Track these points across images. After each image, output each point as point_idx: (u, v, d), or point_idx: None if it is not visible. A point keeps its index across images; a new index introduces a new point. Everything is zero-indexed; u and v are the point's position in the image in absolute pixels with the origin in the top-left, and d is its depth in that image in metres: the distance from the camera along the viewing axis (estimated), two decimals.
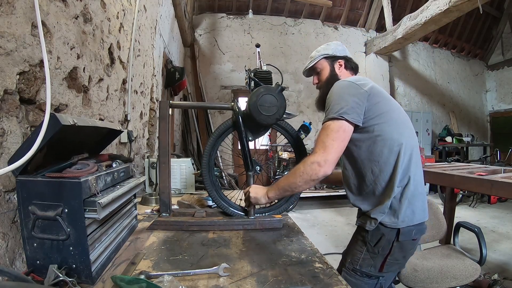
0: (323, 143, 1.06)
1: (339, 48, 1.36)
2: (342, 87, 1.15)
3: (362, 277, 1.16)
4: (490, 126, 7.72)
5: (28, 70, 0.95)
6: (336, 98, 1.11)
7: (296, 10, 6.46)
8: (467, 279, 1.64)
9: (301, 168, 1.09)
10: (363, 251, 1.15)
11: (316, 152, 1.06)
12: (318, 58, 1.35)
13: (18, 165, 0.69)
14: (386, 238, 1.11)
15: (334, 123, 1.07)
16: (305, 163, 1.09)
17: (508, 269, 2.70)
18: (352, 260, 1.17)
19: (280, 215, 1.40)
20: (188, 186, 2.05)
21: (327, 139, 1.06)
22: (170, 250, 1.04)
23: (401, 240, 1.10)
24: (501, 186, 1.73)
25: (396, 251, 1.12)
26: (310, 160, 1.07)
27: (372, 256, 1.14)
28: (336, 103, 1.09)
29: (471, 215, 4.57)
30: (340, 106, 1.07)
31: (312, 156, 1.07)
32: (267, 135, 1.53)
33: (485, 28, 7.25)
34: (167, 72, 4.03)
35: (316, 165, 1.05)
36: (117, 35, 1.84)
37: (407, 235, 1.10)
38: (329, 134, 1.06)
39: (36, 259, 0.77)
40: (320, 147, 1.06)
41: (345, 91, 1.13)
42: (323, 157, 1.04)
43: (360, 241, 1.17)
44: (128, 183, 1.03)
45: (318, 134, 1.10)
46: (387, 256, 1.12)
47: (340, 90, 1.14)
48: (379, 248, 1.12)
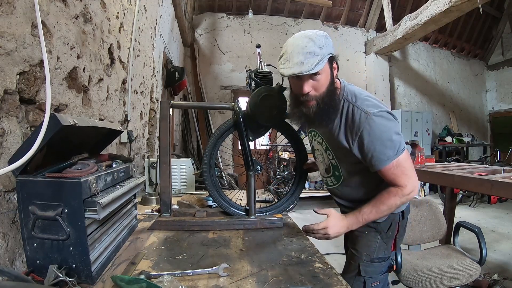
0: (405, 175, 1.06)
1: (331, 43, 1.03)
2: (387, 121, 1.04)
3: (380, 263, 1.24)
4: (490, 126, 7.72)
5: (28, 70, 0.95)
6: (389, 136, 1.04)
7: (296, 10, 6.46)
8: (467, 279, 1.64)
9: (397, 202, 1.07)
10: (378, 241, 1.22)
11: (406, 185, 1.06)
12: (325, 58, 0.99)
13: (18, 165, 0.69)
14: (395, 221, 1.22)
15: (402, 157, 1.06)
16: (402, 195, 1.06)
17: (508, 269, 2.70)
18: (369, 252, 1.22)
19: (280, 214, 1.40)
20: (188, 186, 2.05)
21: (407, 171, 1.06)
22: (170, 250, 1.04)
23: (404, 218, 1.26)
24: (501, 186, 1.73)
25: (401, 229, 1.27)
26: (406, 192, 1.06)
27: (386, 241, 1.23)
28: (391, 140, 1.04)
29: (471, 215, 4.57)
30: (398, 141, 1.05)
31: (405, 189, 1.06)
32: (267, 135, 1.51)
33: (485, 28, 7.25)
34: (167, 72, 4.03)
35: (413, 193, 1.08)
36: (117, 35, 1.84)
37: (407, 213, 1.27)
38: (405, 167, 1.06)
39: (36, 259, 0.77)
40: (406, 179, 1.06)
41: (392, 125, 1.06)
42: (414, 185, 1.08)
43: (372, 233, 1.22)
44: (128, 183, 1.03)
45: (389, 173, 1.06)
46: (396, 235, 1.26)
47: (387, 125, 1.04)
48: (390, 231, 1.23)
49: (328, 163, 1.26)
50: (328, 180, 1.30)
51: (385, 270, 1.27)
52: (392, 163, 1.05)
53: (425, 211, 1.98)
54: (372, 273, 1.22)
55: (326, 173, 1.29)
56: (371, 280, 1.22)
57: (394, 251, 1.31)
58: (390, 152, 1.04)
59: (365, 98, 1.09)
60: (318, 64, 0.97)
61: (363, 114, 1.04)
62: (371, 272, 1.22)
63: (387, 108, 1.10)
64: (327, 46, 1.00)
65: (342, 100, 1.10)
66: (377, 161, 1.05)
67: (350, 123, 1.07)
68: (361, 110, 1.05)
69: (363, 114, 1.03)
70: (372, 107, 1.05)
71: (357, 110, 1.05)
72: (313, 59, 0.97)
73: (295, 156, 1.45)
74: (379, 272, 1.24)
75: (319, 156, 1.30)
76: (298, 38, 1.01)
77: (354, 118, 1.05)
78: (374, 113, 1.03)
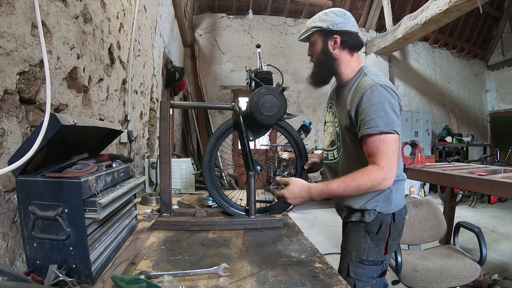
0: (386, 155, 1.02)
1: (338, 20, 1.16)
2: (390, 96, 1.07)
3: (370, 266, 1.21)
4: (490, 126, 7.71)
5: (28, 70, 0.95)
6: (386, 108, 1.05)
7: (296, 10, 6.46)
8: (467, 279, 1.64)
9: (369, 184, 1.02)
10: (367, 241, 1.20)
11: (383, 166, 1.02)
12: (310, 31, 1.20)
13: (18, 165, 0.69)
14: (385, 223, 1.20)
15: (391, 136, 1.04)
16: (374, 178, 1.02)
17: (508, 269, 2.70)
18: (358, 253, 1.21)
19: (280, 214, 1.40)
20: (188, 186, 2.05)
21: (390, 152, 1.03)
22: (170, 250, 1.04)
23: (396, 221, 1.22)
24: (501, 186, 1.73)
25: (393, 232, 1.23)
26: (380, 176, 1.02)
27: (376, 243, 1.20)
28: (387, 114, 1.04)
29: (471, 215, 4.57)
30: (392, 118, 1.04)
31: (381, 171, 1.01)
32: (267, 135, 1.51)
33: (485, 28, 7.25)
34: (167, 72, 4.03)
35: (385, 181, 1.02)
36: (117, 35, 1.84)
37: (399, 216, 1.23)
38: (390, 146, 1.03)
39: (36, 259, 0.77)
40: (385, 160, 1.02)
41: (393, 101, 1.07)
42: (391, 172, 1.03)
43: (362, 233, 1.21)
44: (128, 183, 1.03)
45: (371, 144, 1.04)
46: (388, 238, 1.22)
47: (388, 98, 1.06)
48: (381, 234, 1.20)
49: (334, 133, 1.29)
50: (329, 154, 1.32)
51: (378, 275, 1.23)
52: (380, 136, 1.04)
53: (425, 211, 1.98)
54: (362, 276, 1.20)
55: (331, 146, 1.31)
56: (362, 284, 1.19)
57: (387, 255, 1.25)
58: (381, 123, 1.04)
59: (380, 75, 1.15)
60: (304, 34, 1.23)
61: (370, 81, 1.10)
62: (361, 274, 1.20)
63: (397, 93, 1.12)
64: (319, 20, 1.18)
65: (359, 73, 1.20)
66: (366, 125, 1.05)
67: (358, 87, 1.14)
68: (370, 78, 1.12)
69: (371, 82, 1.10)
70: (384, 81, 1.10)
71: (367, 78, 1.13)
72: (303, 30, 1.24)
73: (295, 156, 1.45)
74: (371, 276, 1.21)
75: (329, 128, 1.34)
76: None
77: (362, 84, 1.12)
78: (380, 84, 1.08)
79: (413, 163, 2.52)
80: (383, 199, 1.18)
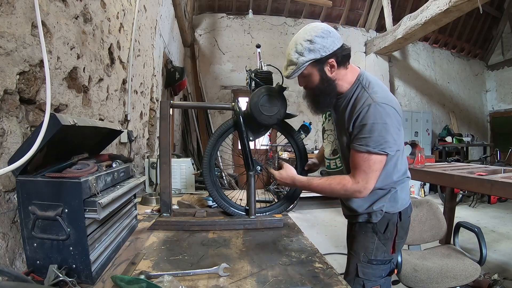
0: (365, 173, 1.07)
1: (327, 43, 1.07)
2: (386, 115, 1.06)
3: (378, 265, 1.23)
4: (490, 126, 7.71)
5: (28, 70, 0.95)
6: (379, 129, 1.05)
7: (296, 10, 6.46)
8: (467, 279, 1.64)
9: (341, 192, 1.12)
10: (375, 241, 1.22)
11: (358, 181, 1.08)
12: (302, 67, 1.10)
13: (18, 165, 0.69)
14: (392, 222, 1.22)
15: (377, 157, 1.06)
16: (347, 189, 1.10)
17: (508, 269, 2.70)
18: (366, 253, 1.22)
19: (280, 214, 1.40)
20: (188, 186, 2.05)
21: (369, 171, 1.07)
22: (170, 250, 1.04)
23: (402, 219, 1.24)
24: (501, 186, 1.73)
25: (400, 230, 1.25)
26: (353, 188, 1.09)
27: (384, 243, 1.22)
28: (379, 135, 1.05)
29: (471, 215, 4.57)
30: (385, 139, 1.05)
31: (355, 185, 1.09)
32: (267, 135, 1.52)
33: (485, 28, 7.25)
34: (167, 72, 4.02)
35: (358, 193, 1.10)
36: (117, 35, 1.84)
37: (405, 214, 1.25)
38: (371, 166, 1.07)
39: (36, 259, 0.77)
40: (362, 177, 1.08)
41: (388, 121, 1.06)
42: (365, 187, 1.09)
43: (369, 233, 1.23)
44: (128, 183, 1.03)
45: (356, 159, 1.09)
46: (395, 237, 1.24)
47: (383, 119, 1.05)
48: (388, 233, 1.22)
49: (335, 142, 1.30)
50: (331, 163, 1.34)
51: (386, 274, 1.25)
52: (365, 154, 1.07)
53: (425, 211, 1.97)
54: (371, 276, 1.21)
55: (333, 155, 1.32)
56: (371, 284, 1.21)
57: (395, 254, 1.28)
58: (371, 143, 1.05)
59: (378, 88, 1.13)
60: (295, 72, 1.11)
61: (369, 99, 1.09)
62: (369, 274, 1.21)
63: (396, 104, 1.11)
64: (309, 52, 1.08)
65: (357, 84, 1.17)
66: (356, 141, 1.09)
67: (356, 103, 1.13)
68: (369, 95, 1.10)
69: (368, 100, 1.09)
70: (381, 98, 1.09)
71: (365, 94, 1.11)
72: (291, 67, 1.12)
73: (295, 156, 1.45)
74: (379, 276, 1.23)
75: (329, 137, 1.34)
76: (291, 41, 1.14)
77: (360, 100, 1.11)
78: (378, 102, 1.07)
79: (413, 163, 2.52)
80: (389, 199, 1.20)
